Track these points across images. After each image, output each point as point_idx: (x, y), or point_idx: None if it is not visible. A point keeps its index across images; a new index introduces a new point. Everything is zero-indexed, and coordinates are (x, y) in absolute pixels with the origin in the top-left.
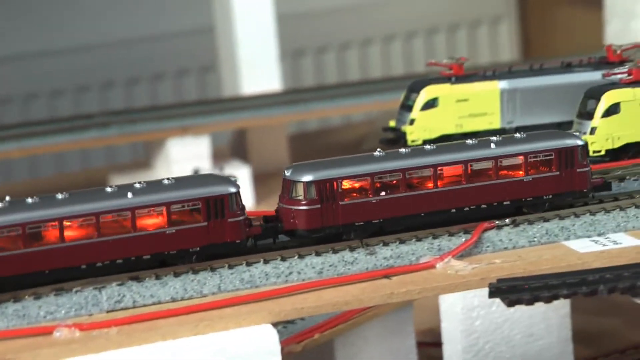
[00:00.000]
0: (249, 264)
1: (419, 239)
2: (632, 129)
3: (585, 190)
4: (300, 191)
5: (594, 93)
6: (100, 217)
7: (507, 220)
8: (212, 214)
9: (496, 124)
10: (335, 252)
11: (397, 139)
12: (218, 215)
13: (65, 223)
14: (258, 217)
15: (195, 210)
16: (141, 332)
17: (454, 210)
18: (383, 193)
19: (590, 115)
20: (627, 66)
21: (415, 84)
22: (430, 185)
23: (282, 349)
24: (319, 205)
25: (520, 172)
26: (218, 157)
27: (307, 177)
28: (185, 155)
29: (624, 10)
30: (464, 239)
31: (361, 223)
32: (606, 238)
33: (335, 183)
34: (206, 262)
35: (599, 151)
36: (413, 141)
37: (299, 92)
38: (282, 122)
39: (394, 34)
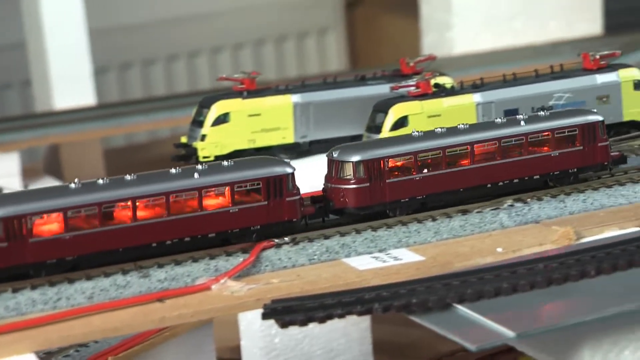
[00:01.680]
0: (15, 290)
1: (195, 260)
2: None
3: (606, 164)
4: (349, 171)
5: (382, 106)
6: (170, 197)
7: (286, 239)
8: (271, 193)
9: (290, 139)
10: (107, 275)
11: (188, 155)
12: (277, 194)
13: (138, 202)
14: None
15: (256, 190)
16: None
17: (489, 186)
18: (425, 170)
19: (378, 129)
20: (415, 79)
21: (206, 100)
22: (468, 162)
23: None
24: (367, 184)
25: (549, 148)
26: (30, 174)
27: (356, 157)
28: None
29: (439, 22)
30: (241, 259)
31: (406, 200)
32: (387, 254)
33: (382, 162)
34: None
35: None
36: (205, 157)
37: (114, 106)
38: (96, 137)
39: (222, 46)
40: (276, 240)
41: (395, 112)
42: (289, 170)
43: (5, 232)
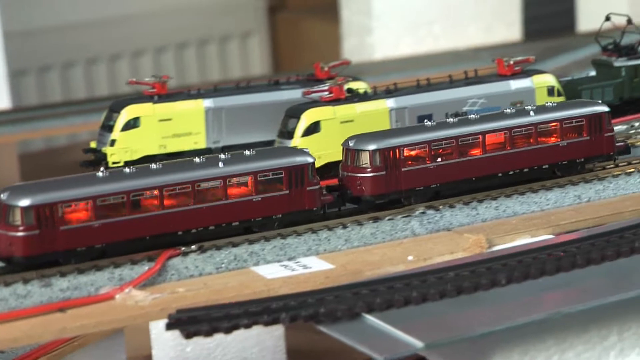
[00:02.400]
0: None
1: (99, 269)
2: (331, 148)
3: (612, 154)
4: (365, 159)
5: (294, 112)
6: (195, 185)
7: (193, 247)
8: (293, 182)
9: (202, 144)
10: (7, 285)
11: (97, 160)
12: (298, 184)
13: (166, 191)
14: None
15: (278, 180)
16: None
17: (500, 175)
18: (439, 160)
19: (290, 134)
20: (327, 84)
21: (116, 104)
22: (480, 151)
23: None
24: (384, 172)
25: (557, 138)
26: None
27: (372, 146)
28: None
29: (359, 27)
30: (147, 268)
31: (421, 188)
32: (296, 262)
33: (398, 151)
34: None
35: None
36: (114, 163)
37: (31, 109)
38: (11, 141)
39: (144, 49)
40: (183, 248)
41: (307, 118)
42: (310, 159)
43: (37, 220)
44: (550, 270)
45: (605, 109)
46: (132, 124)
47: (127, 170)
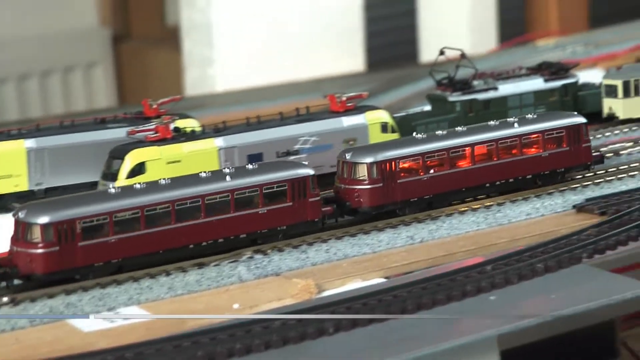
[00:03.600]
0: None
1: None
2: None
3: (589, 163)
4: (363, 172)
5: (118, 153)
6: (205, 199)
7: (5, 299)
8: (296, 194)
9: (23, 186)
10: None
11: None
12: (301, 195)
13: (177, 206)
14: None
15: (281, 192)
16: None
17: (488, 185)
18: (432, 171)
19: (114, 176)
20: (153, 123)
21: None
22: (469, 162)
23: None
24: (381, 184)
25: (540, 149)
26: None
27: (370, 159)
28: None
29: (201, 58)
30: None
31: (415, 199)
32: (117, 313)
33: (394, 163)
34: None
35: None
36: None
37: None
38: None
39: None
40: None
41: (131, 159)
42: (311, 172)
43: (57, 237)
44: (379, 319)
45: (583, 120)
46: None
47: (137, 186)
